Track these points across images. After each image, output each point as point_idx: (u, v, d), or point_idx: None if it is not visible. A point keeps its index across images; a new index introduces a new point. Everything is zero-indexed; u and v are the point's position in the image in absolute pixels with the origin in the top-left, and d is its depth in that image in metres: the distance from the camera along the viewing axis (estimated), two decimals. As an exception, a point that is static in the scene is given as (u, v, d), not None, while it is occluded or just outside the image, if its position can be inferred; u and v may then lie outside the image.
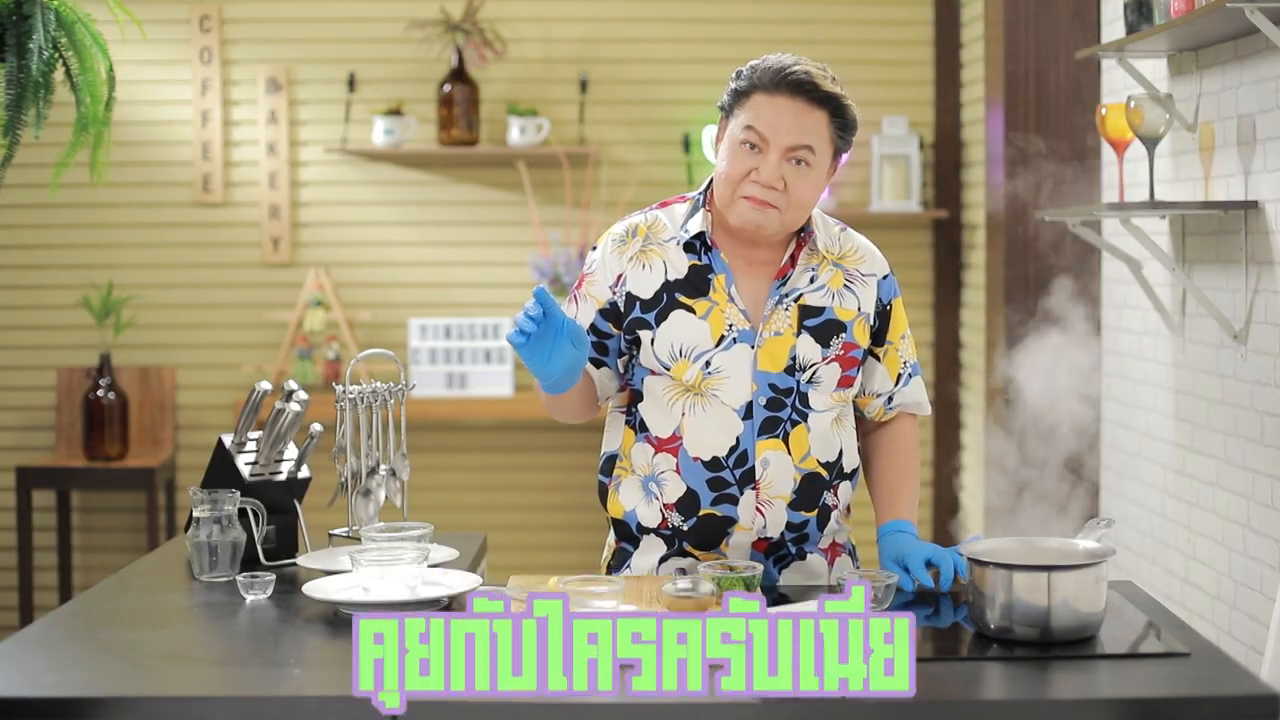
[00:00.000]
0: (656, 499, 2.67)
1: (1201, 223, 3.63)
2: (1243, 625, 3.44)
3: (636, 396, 2.71)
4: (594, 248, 2.75)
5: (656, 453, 2.67)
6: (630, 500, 2.70)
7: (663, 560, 2.69)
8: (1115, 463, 4.34)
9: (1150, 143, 3.55)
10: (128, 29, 3.97)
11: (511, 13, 5.70)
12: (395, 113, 5.60)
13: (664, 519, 2.67)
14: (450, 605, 2.49)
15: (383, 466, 2.79)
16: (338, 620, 2.42)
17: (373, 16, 5.72)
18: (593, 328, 2.69)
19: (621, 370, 2.73)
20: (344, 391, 2.75)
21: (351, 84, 5.67)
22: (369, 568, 2.43)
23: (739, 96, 2.63)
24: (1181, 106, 3.69)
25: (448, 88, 5.59)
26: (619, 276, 2.68)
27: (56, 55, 3.59)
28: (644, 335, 2.66)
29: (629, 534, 2.72)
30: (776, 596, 2.57)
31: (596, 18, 5.75)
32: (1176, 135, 3.74)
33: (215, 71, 5.68)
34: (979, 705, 2.07)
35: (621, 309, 2.68)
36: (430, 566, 2.57)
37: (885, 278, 2.76)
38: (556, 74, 5.75)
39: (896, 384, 2.78)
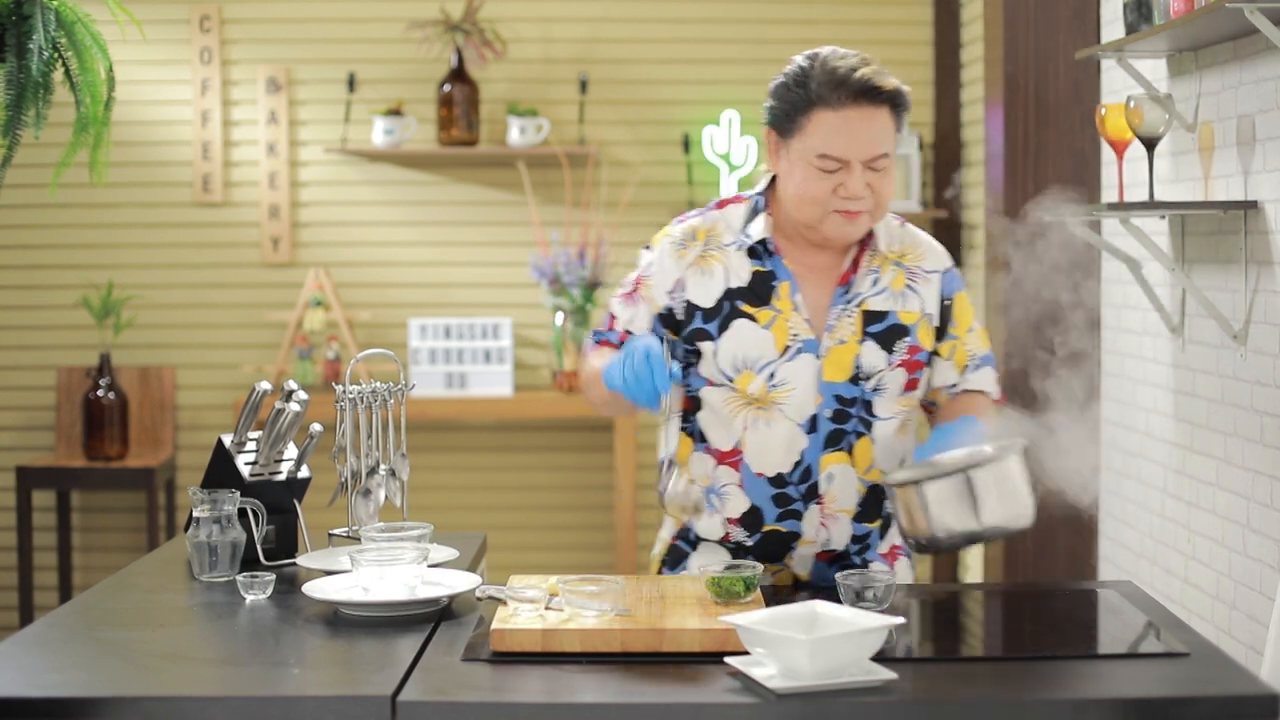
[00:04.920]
0: (718, 511, 2.64)
1: (1201, 223, 3.63)
2: (1243, 625, 3.44)
3: (694, 404, 2.65)
4: (646, 247, 2.68)
5: (718, 465, 2.62)
6: None
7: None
8: (1115, 463, 4.34)
9: (1150, 143, 3.55)
10: (128, 29, 3.97)
11: (511, 13, 5.71)
12: (395, 113, 5.60)
13: (726, 533, 2.64)
14: (450, 605, 2.49)
15: (382, 466, 2.78)
16: (338, 620, 2.42)
17: (373, 16, 5.73)
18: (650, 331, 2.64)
19: (681, 374, 2.62)
20: (344, 391, 2.75)
21: (351, 84, 5.67)
22: (369, 568, 2.43)
23: (795, 114, 2.51)
24: (1181, 106, 3.69)
25: (448, 88, 5.59)
26: (677, 281, 2.61)
27: (56, 55, 3.59)
28: (705, 347, 2.59)
29: (687, 539, 2.70)
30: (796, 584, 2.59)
31: (596, 18, 5.75)
32: (1176, 135, 3.74)
33: (215, 71, 5.69)
34: (979, 705, 2.07)
35: (679, 316, 2.61)
36: (430, 566, 2.57)
37: (947, 272, 2.69)
38: (556, 74, 5.75)
39: (963, 373, 2.70)
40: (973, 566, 5.49)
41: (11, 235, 5.71)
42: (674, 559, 2.72)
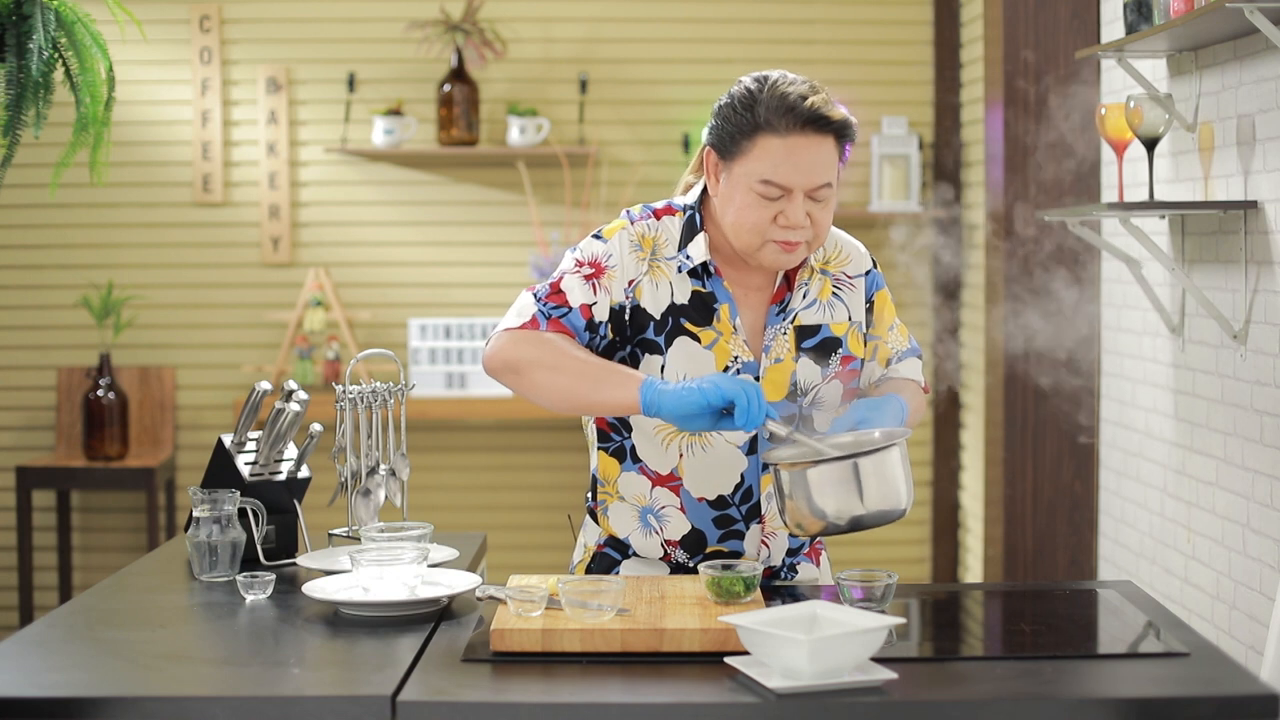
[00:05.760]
0: (657, 533, 2.61)
1: (1201, 223, 3.63)
2: (1243, 625, 3.44)
3: (619, 423, 2.60)
4: (597, 235, 2.58)
5: (655, 486, 2.59)
6: (623, 528, 2.63)
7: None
8: (1115, 463, 4.34)
9: (1150, 143, 3.55)
10: (128, 29, 3.98)
11: (511, 13, 5.71)
12: (395, 113, 5.60)
13: (666, 553, 2.62)
14: (450, 605, 2.49)
15: (382, 466, 2.79)
16: (338, 620, 2.42)
17: (373, 16, 5.73)
18: (598, 323, 2.54)
19: None
20: (344, 391, 2.75)
21: (351, 84, 5.67)
22: (369, 568, 2.43)
23: (740, 137, 2.48)
24: (1181, 106, 3.69)
25: (448, 88, 5.59)
26: (632, 281, 2.55)
27: (56, 55, 3.59)
28: (652, 360, 2.53)
29: (621, 550, 2.67)
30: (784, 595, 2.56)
31: (596, 18, 5.75)
32: (1176, 135, 3.74)
33: (215, 71, 5.69)
34: (978, 705, 2.07)
35: (627, 317, 2.54)
36: (430, 566, 2.57)
37: (869, 273, 2.67)
38: (556, 74, 5.75)
39: (887, 367, 2.68)
40: (973, 566, 5.49)
41: (11, 235, 5.71)
42: (602, 566, 2.66)
